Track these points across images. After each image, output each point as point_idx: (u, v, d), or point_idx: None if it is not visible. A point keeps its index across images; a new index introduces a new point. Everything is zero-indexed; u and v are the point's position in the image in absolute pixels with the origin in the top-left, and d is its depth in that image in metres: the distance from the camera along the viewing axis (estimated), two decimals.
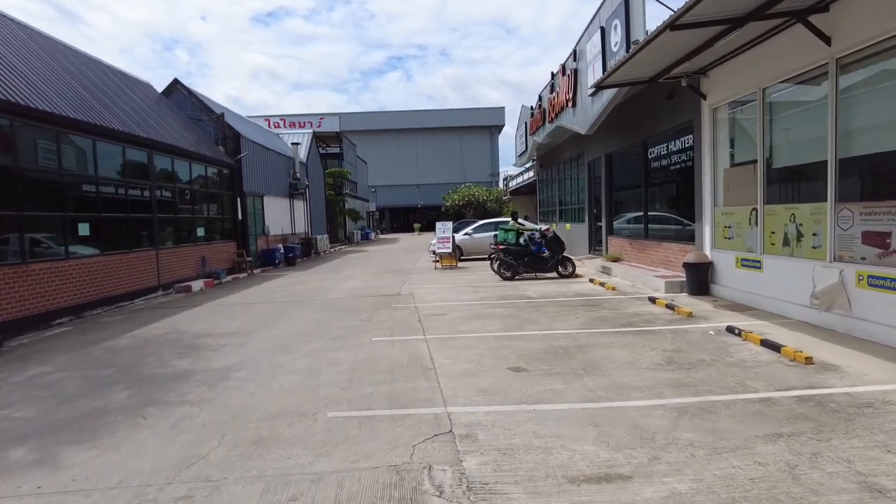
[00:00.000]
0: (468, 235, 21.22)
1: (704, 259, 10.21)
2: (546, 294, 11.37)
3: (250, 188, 21.79)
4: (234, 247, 20.01)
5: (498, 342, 7.17)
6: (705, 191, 10.44)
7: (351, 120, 66.68)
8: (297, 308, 10.98)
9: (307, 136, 32.96)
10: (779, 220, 8.27)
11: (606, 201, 16.80)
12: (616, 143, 15.70)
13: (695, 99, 10.55)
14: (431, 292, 12.37)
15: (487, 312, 9.41)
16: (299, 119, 44.96)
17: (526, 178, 33.89)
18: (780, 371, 5.49)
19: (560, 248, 14.13)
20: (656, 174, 13.21)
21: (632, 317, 8.55)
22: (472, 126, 72.68)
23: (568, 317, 8.75)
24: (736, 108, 9.61)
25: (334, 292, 13.20)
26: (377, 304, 10.90)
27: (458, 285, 13.49)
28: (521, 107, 25.55)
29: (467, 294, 11.87)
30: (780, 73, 8.07)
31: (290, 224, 26.86)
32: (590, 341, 7.03)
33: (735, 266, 9.45)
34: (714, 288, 10.16)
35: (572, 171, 21.05)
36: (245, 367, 6.55)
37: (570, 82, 15.78)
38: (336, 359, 6.67)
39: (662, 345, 6.71)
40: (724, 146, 10.05)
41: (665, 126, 12.22)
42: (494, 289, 12.56)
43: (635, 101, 13.36)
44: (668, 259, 12.34)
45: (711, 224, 10.31)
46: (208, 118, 21.23)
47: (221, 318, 10.18)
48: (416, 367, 6.15)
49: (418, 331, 8.14)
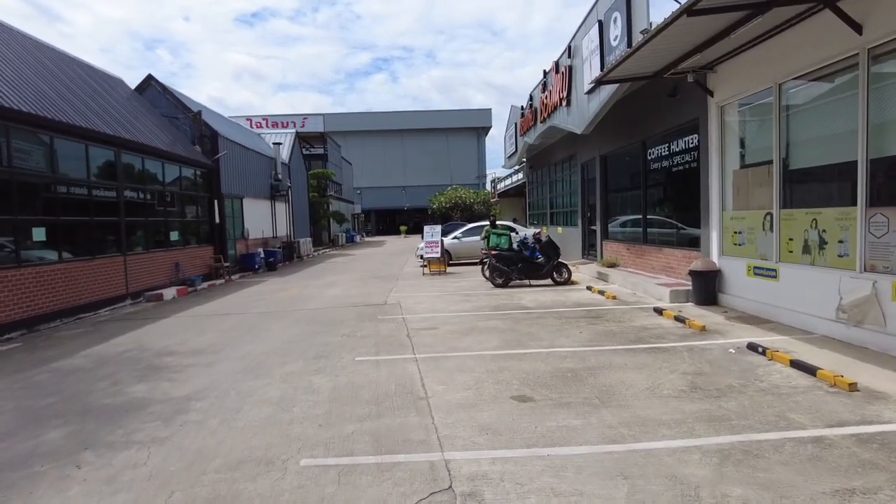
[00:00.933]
0: (457, 239, 20.46)
1: (712, 267, 9.55)
2: (543, 303, 10.64)
3: (229, 190, 20.83)
4: (210, 251, 19.04)
5: (497, 363, 6.40)
6: (712, 194, 9.79)
7: (336, 121, 65.63)
8: (275, 320, 10.13)
9: (290, 136, 31.98)
10: (798, 226, 7.62)
11: (601, 204, 16.15)
12: (612, 144, 15.05)
13: (701, 96, 9.90)
14: (420, 301, 11.58)
15: (482, 326, 8.65)
16: (282, 119, 43.95)
17: (514, 180, 33.25)
18: (823, 400, 4.80)
19: (555, 254, 13.43)
20: (656, 176, 12.56)
21: (640, 331, 7.84)
22: (458, 128, 71.98)
23: (570, 331, 8.01)
24: (747, 105, 8.97)
25: (316, 301, 12.35)
26: (361, 316, 10.08)
27: (448, 293, 12.72)
28: (511, 107, 24.88)
29: (459, 303, 11.10)
30: (799, 67, 7.42)
31: (271, 227, 25.89)
32: (599, 362, 6.29)
33: (746, 274, 8.80)
34: (722, 298, 9.50)
35: (564, 173, 20.40)
36: (209, 395, 5.71)
37: (565, 80, 15.11)
38: (313, 385, 5.85)
39: (681, 366, 6.00)
40: (733, 146, 9.41)
41: (667, 125, 11.57)
42: (487, 297, 11.81)
43: (633, 100, 12.71)
44: (670, 266, 11.69)
45: (719, 229, 9.66)
46: (184, 116, 20.23)
47: (191, 333, 9.30)
48: (405, 395, 5.36)
49: (407, 348, 7.35)
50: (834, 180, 7.23)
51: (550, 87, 16.88)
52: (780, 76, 7.83)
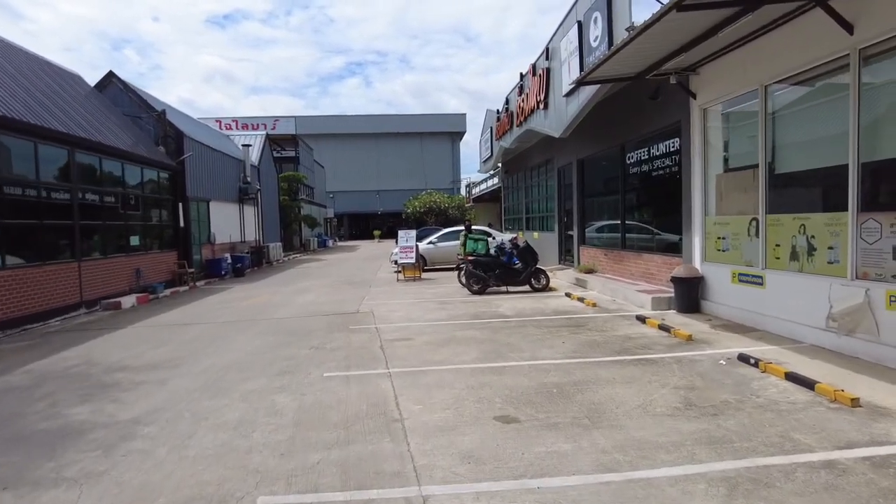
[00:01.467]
0: (433, 244, 20.01)
1: (695, 273, 9.31)
2: (522, 311, 10.26)
3: (195, 192, 20.01)
4: (174, 257, 18.20)
5: (477, 378, 5.97)
6: (695, 199, 9.56)
7: (308, 123, 64.68)
8: (240, 330, 9.52)
9: (260, 137, 31.15)
10: (785, 232, 7.40)
11: (578, 209, 15.91)
12: (589, 148, 14.82)
13: (683, 98, 9.69)
14: (394, 309, 11.10)
15: (460, 336, 8.21)
16: (253, 121, 43.01)
17: (490, 184, 33.01)
18: (826, 418, 4.49)
19: (533, 260, 13.10)
20: (635, 181, 12.34)
21: (624, 341, 7.51)
22: (433, 132, 71.63)
23: (552, 341, 7.64)
24: (731, 107, 8.76)
25: (284, 309, 11.75)
26: (332, 326, 9.54)
27: (423, 300, 12.26)
28: (486, 111, 24.61)
29: (435, 311, 10.65)
30: (787, 68, 7.21)
31: (239, 231, 25.06)
32: (586, 375, 5.92)
33: (731, 281, 8.56)
34: (706, 305, 9.26)
35: (541, 178, 20.16)
36: (160, 417, 5.15)
37: (542, 83, 14.85)
38: (277, 405, 5.33)
39: (672, 380, 5.66)
40: (716, 149, 9.20)
41: (647, 129, 11.35)
42: (464, 305, 11.39)
43: (612, 104, 12.48)
44: (650, 272, 11.45)
45: (702, 235, 9.43)
46: (148, 115, 19.37)
47: (148, 345, 8.65)
48: (378, 417, 4.89)
49: (380, 362, 6.86)
50: (823, 185, 7.03)
51: (527, 90, 16.61)
52: (767, 78, 7.62)
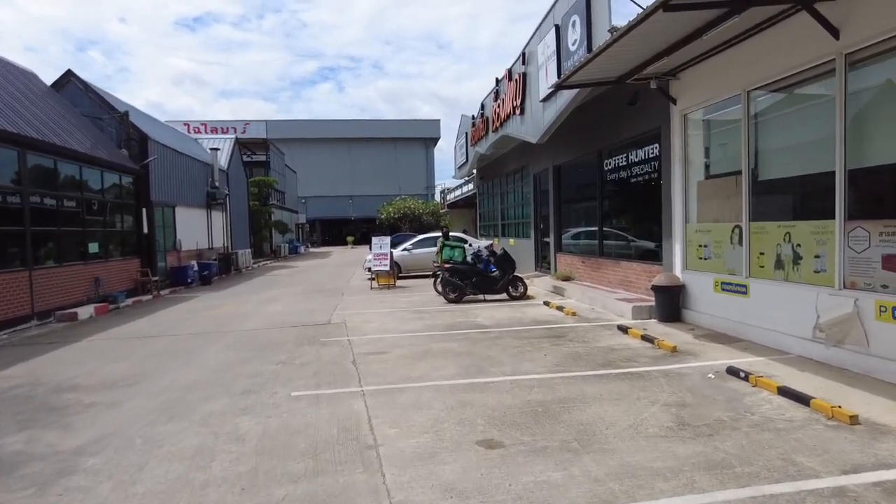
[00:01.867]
0: (407, 251, 19.62)
1: (676, 282, 9.14)
2: (500, 321, 9.94)
3: (159, 197, 19.25)
4: (137, 264, 17.42)
5: (457, 396, 5.61)
6: (675, 206, 9.40)
7: (280, 127, 63.66)
8: (204, 343, 8.98)
9: (229, 141, 30.35)
10: (770, 240, 7.24)
11: (554, 216, 15.72)
12: (566, 155, 14.65)
13: (663, 104, 9.54)
14: (368, 320, 10.67)
15: (437, 348, 7.84)
16: (223, 125, 42.02)
17: (465, 190, 32.80)
18: (827, 437, 4.26)
19: (511, 267, 12.81)
20: (613, 187, 12.19)
21: (608, 353, 7.24)
22: (407, 138, 71.26)
23: (534, 353, 7.32)
24: (713, 113, 8.63)
25: (252, 320, 11.21)
26: (302, 338, 9.07)
27: (398, 310, 11.85)
28: (461, 116, 24.39)
29: (410, 322, 10.26)
30: (771, 74, 7.08)
31: (206, 238, 24.26)
32: (571, 392, 5.61)
33: (714, 290, 8.40)
34: (687, 314, 9.09)
35: (516, 184, 19.97)
36: (109, 445, 4.65)
37: (518, 88, 14.65)
38: (239, 430, 4.88)
39: (661, 396, 5.39)
40: (697, 156, 9.05)
41: (626, 135, 11.19)
42: (441, 314, 11.02)
43: (589, 109, 12.32)
44: (629, 280, 11.27)
45: (682, 242, 9.27)
46: (110, 117, 18.57)
47: (103, 360, 8.06)
48: (350, 443, 4.48)
49: (353, 378, 6.44)
50: (809, 192, 6.89)
51: (503, 95, 16.41)
52: (750, 83, 7.48)
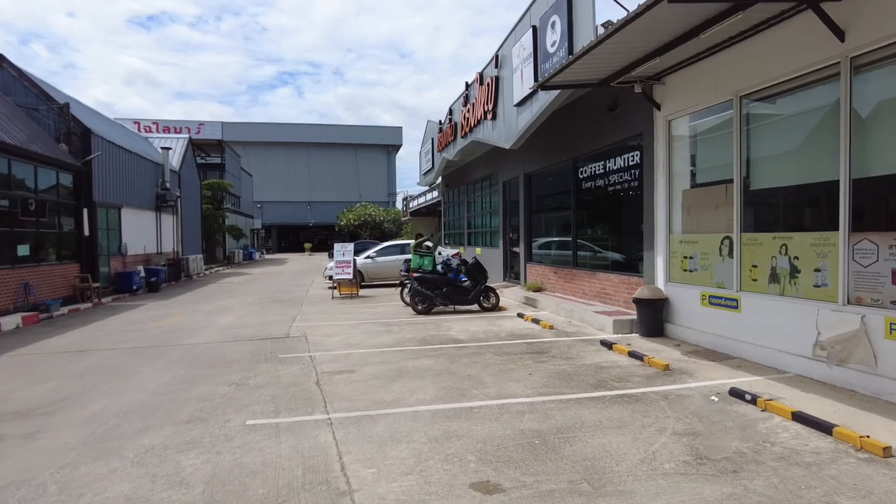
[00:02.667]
0: (370, 259, 18.80)
1: (659, 295, 8.72)
2: (476, 335, 9.31)
3: (103, 197, 17.85)
4: (76, 269, 16.00)
5: (441, 425, 4.92)
6: (658, 215, 9.02)
7: (236, 130, 61.71)
8: (146, 360, 8.00)
9: (182, 141, 28.83)
10: (763, 252, 6.88)
11: (525, 225, 15.27)
12: (538, 162, 14.23)
13: (645, 109, 9.17)
14: (331, 333, 9.85)
15: (412, 367, 7.13)
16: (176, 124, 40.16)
17: (428, 198, 32.19)
18: (865, 473, 3.78)
19: (483, 277, 12.23)
20: (589, 196, 11.79)
21: (597, 371, 6.70)
22: (368, 144, 70.28)
23: (518, 372, 6.71)
24: (700, 119, 8.28)
25: (202, 333, 10.22)
26: (258, 354, 8.20)
27: (364, 321, 11.06)
28: (428, 122, 23.82)
29: (379, 335, 9.50)
30: (767, 77, 6.74)
31: (155, 242, 22.79)
32: (567, 419, 5.01)
33: (700, 304, 8.01)
34: (671, 328, 8.68)
35: (484, 192, 19.48)
36: (9, 499, 3.75)
37: (490, 92, 14.16)
38: (183, 471, 4.05)
39: (667, 423, 4.85)
40: (682, 164, 8.70)
41: (604, 142, 10.80)
42: (410, 327, 10.30)
43: (565, 116, 11.93)
44: (606, 292, 10.85)
45: (665, 254, 8.88)
46: (48, 108, 17.11)
47: (23, 380, 7.01)
48: (319, 488, 3.74)
49: (317, 403, 5.67)
50: (808, 202, 6.57)
51: (473, 99, 15.90)
52: (743, 88, 7.14)
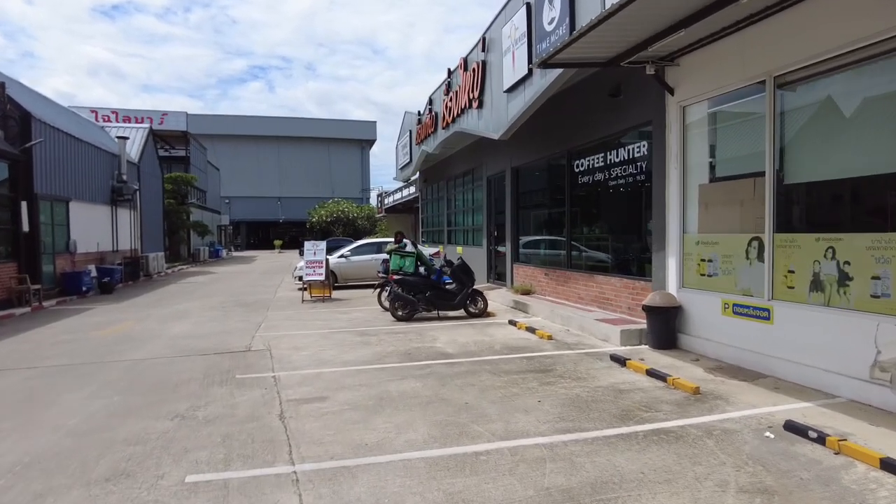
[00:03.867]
0: (344, 258, 17.53)
1: (672, 302, 7.77)
2: (466, 347, 8.22)
3: (47, 189, 16.20)
4: (12, 269, 14.38)
5: (440, 483, 3.80)
6: (670, 213, 8.06)
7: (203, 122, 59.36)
8: (73, 382, 6.68)
9: (142, 131, 27.04)
10: (803, 256, 5.95)
11: (511, 223, 14.26)
12: (526, 155, 13.22)
13: (655, 95, 8.21)
14: (299, 345, 8.64)
15: (395, 392, 5.98)
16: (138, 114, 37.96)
17: (405, 194, 30.98)
18: None
19: (470, 280, 11.13)
20: (586, 192, 10.81)
21: (616, 396, 5.67)
22: (341, 139, 68.58)
23: (524, 399, 5.64)
24: (722, 104, 7.33)
25: (150, 345, 8.90)
26: (211, 373, 6.95)
27: (337, 330, 9.87)
28: (405, 113, 22.64)
29: (355, 347, 8.33)
30: (812, 53, 5.79)
31: (111, 239, 21.11)
32: (600, 470, 3.94)
33: (721, 313, 7.07)
34: (685, 340, 7.73)
35: (466, 187, 18.41)
36: None
37: (476, 78, 13.09)
38: None
39: (725, 472, 3.84)
40: (699, 155, 7.75)
41: (604, 132, 9.82)
42: (391, 336, 9.15)
43: (559, 104, 10.92)
44: (605, 297, 9.88)
45: (678, 256, 7.93)
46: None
47: None
48: None
49: (280, 448, 4.49)
50: (862, 198, 5.65)
51: (457, 87, 14.81)
52: (778, 66, 6.19)
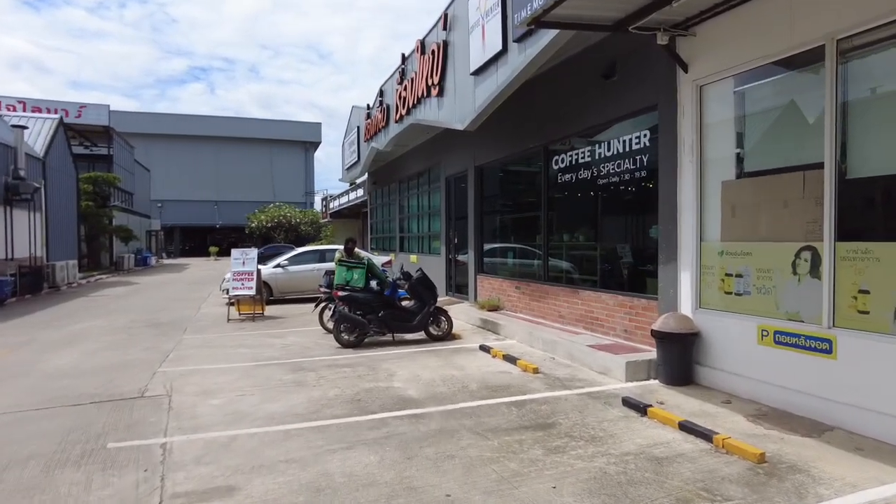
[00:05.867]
0: (281, 268, 15.33)
1: (690, 327, 6.25)
2: (433, 387, 6.41)
3: None
4: None
5: None
6: (683, 215, 6.57)
7: (136, 120, 55.23)
8: None
9: (50, 122, 23.83)
10: (882, 272, 4.53)
11: (475, 229, 12.59)
12: (493, 151, 11.61)
13: (661, 73, 6.74)
14: (213, 387, 6.59)
15: (339, 473, 4.10)
16: (50, 105, 34.02)
17: (351, 197, 28.87)
18: None
19: (431, 296, 9.34)
20: (566, 191, 9.28)
21: (658, 471, 4.01)
22: (284, 140, 65.37)
23: (532, 483, 3.89)
24: (753, 81, 5.90)
25: (5, 388, 6.62)
26: (71, 443, 4.82)
27: (266, 362, 7.85)
28: (353, 108, 20.69)
29: (286, 391, 6.36)
30: (888, 9, 4.41)
31: (3, 245, 18.06)
32: None
33: (758, 341, 5.59)
34: (705, 374, 6.22)
35: (422, 189, 16.65)
36: None
37: (436, 62, 11.38)
38: None
39: None
40: (722, 145, 6.29)
41: (593, 120, 8.31)
42: (335, 372, 7.22)
43: (535, 89, 9.39)
44: (594, 316, 8.33)
45: (694, 269, 6.44)
46: None
47: None
48: None
49: None
50: None
51: (413, 74, 13.06)
52: (846, 26, 4.77)
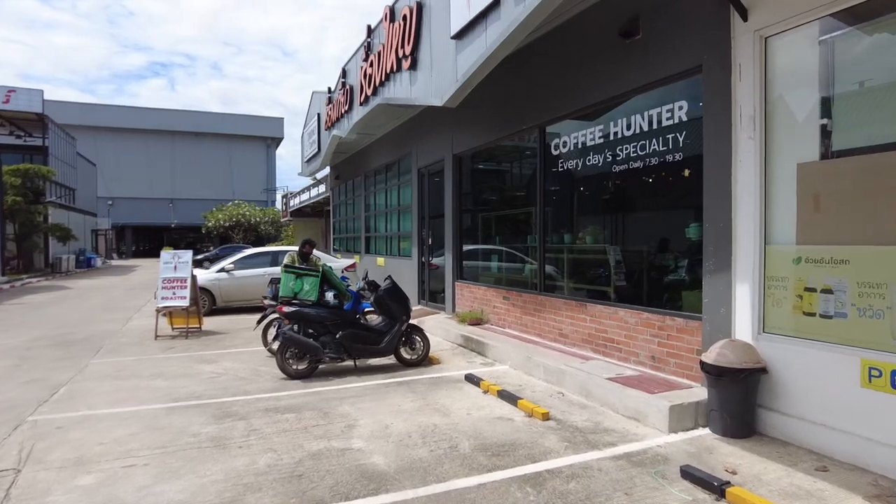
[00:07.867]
0: (226, 272, 13.24)
1: (754, 359, 4.65)
2: (409, 449, 4.62)
3: None
4: None
5: None
6: (739, 210, 4.98)
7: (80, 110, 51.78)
8: None
9: None
10: None
11: (454, 228, 10.85)
12: (475, 137, 9.90)
13: (706, 26, 5.14)
14: (92, 452, 4.65)
15: None
16: None
17: (313, 194, 26.80)
18: None
19: (403, 310, 7.50)
20: (568, 182, 7.65)
21: None
22: (245, 135, 62.47)
23: None
24: (852, 24, 4.33)
25: None
26: None
27: (184, 402, 5.93)
28: (313, 93, 18.69)
29: (196, 456, 4.48)
30: None
31: None
32: None
33: (862, 383, 4.02)
34: (775, 421, 4.63)
35: (390, 183, 14.82)
36: None
37: (409, 28, 9.61)
38: None
39: None
40: (798, 114, 4.69)
41: (607, 93, 6.65)
42: (271, 420, 5.36)
43: (528, 57, 7.75)
44: (609, 337, 6.69)
45: (755, 281, 4.84)
46: None
47: None
48: None
49: None
50: None
51: (380, 47, 11.25)
52: None
